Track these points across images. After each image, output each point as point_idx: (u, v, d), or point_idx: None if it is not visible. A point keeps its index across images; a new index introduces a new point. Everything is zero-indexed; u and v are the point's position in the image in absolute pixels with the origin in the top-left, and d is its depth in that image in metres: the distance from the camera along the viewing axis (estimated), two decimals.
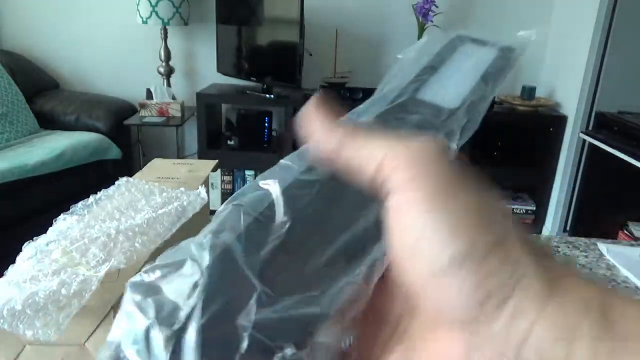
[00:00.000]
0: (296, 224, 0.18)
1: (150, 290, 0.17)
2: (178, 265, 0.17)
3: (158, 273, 0.17)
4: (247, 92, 2.50)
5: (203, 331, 0.16)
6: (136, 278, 0.17)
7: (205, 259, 0.17)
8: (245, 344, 0.16)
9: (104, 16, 2.71)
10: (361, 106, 0.27)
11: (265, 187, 0.20)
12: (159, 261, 0.18)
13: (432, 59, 0.30)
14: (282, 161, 0.22)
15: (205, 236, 0.18)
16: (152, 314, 0.16)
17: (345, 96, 2.40)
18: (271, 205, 0.19)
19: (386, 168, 0.17)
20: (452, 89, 0.27)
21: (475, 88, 0.27)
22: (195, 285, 0.16)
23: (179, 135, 2.67)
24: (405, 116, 0.25)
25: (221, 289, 0.16)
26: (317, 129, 0.20)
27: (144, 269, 0.17)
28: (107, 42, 2.75)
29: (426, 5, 2.44)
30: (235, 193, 0.20)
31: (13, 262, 0.40)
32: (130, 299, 0.16)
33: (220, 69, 2.66)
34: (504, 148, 2.68)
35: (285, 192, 0.19)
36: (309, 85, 2.58)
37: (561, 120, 2.42)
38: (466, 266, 0.15)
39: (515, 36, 0.32)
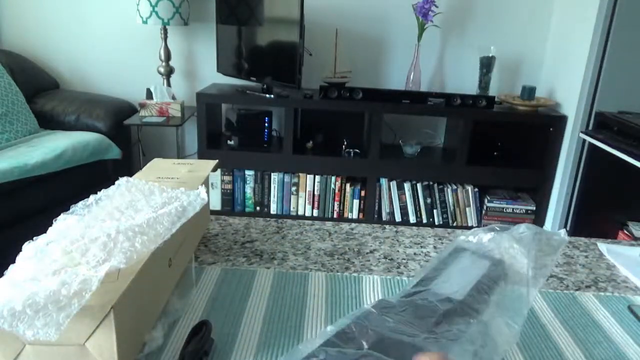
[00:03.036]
0: None
1: None
2: None
3: None
4: (247, 92, 2.50)
5: None
6: None
7: None
8: None
9: (104, 16, 2.71)
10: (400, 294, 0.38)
11: None
12: None
13: (438, 264, 0.40)
14: None
15: None
16: None
17: (345, 96, 2.41)
18: None
19: None
20: (456, 284, 0.36)
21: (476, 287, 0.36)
22: None
23: (179, 135, 2.68)
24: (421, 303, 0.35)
25: None
26: None
27: None
28: (107, 42, 2.75)
29: (426, 5, 2.44)
30: None
31: (13, 262, 0.40)
32: None
33: (220, 69, 2.66)
34: (504, 148, 2.68)
35: None
36: (309, 85, 2.58)
37: (561, 120, 2.42)
38: None
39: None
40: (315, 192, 2.56)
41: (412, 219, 2.59)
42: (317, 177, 2.53)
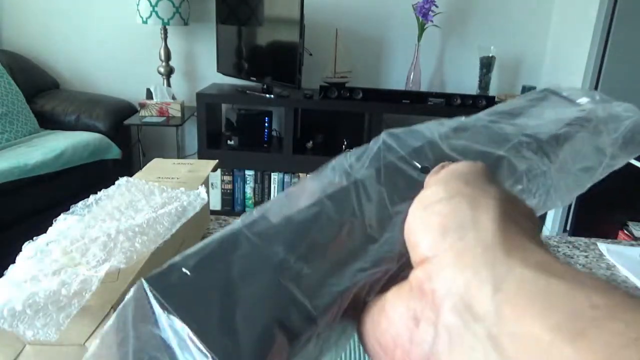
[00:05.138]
0: None
1: None
2: None
3: None
4: (247, 92, 2.50)
5: None
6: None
7: None
8: None
9: (104, 16, 2.71)
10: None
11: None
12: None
13: (523, 103, 0.33)
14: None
15: None
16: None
17: (345, 96, 2.40)
18: None
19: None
20: (543, 123, 0.29)
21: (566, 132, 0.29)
22: None
23: (179, 135, 2.67)
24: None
25: None
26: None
27: None
28: (107, 42, 2.75)
29: (426, 5, 2.44)
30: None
31: (13, 262, 0.40)
32: None
33: (220, 69, 2.66)
34: None
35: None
36: (309, 85, 2.58)
37: None
38: (440, 204, 0.20)
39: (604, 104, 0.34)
40: None
41: None
42: None
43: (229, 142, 2.58)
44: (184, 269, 0.19)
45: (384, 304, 0.20)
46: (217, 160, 0.73)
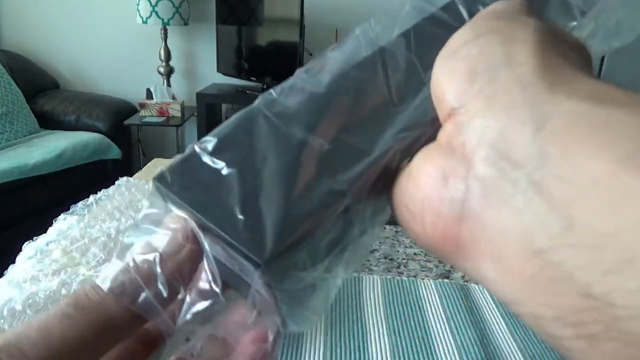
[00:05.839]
0: None
1: None
2: None
3: None
4: (247, 92, 2.50)
5: None
6: None
7: None
8: None
9: (104, 16, 2.71)
10: None
11: None
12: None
13: None
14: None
15: None
16: None
17: None
18: None
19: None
20: None
21: None
22: None
23: (179, 135, 2.67)
24: None
25: None
26: None
27: None
28: (107, 42, 2.75)
29: None
30: None
31: (13, 262, 0.40)
32: None
33: (220, 69, 2.66)
34: None
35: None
36: None
37: None
38: (467, 46, 0.17)
39: None
40: None
41: None
42: None
43: None
44: (202, 156, 0.18)
45: (410, 168, 0.18)
46: None
